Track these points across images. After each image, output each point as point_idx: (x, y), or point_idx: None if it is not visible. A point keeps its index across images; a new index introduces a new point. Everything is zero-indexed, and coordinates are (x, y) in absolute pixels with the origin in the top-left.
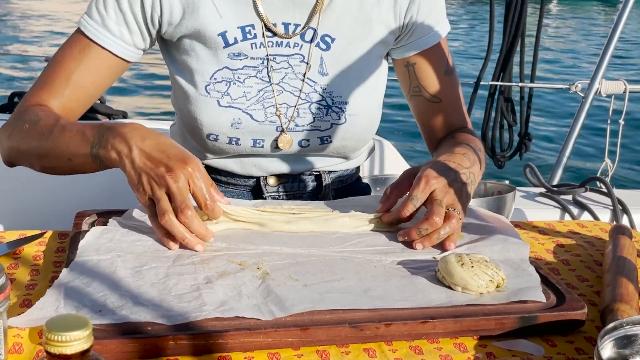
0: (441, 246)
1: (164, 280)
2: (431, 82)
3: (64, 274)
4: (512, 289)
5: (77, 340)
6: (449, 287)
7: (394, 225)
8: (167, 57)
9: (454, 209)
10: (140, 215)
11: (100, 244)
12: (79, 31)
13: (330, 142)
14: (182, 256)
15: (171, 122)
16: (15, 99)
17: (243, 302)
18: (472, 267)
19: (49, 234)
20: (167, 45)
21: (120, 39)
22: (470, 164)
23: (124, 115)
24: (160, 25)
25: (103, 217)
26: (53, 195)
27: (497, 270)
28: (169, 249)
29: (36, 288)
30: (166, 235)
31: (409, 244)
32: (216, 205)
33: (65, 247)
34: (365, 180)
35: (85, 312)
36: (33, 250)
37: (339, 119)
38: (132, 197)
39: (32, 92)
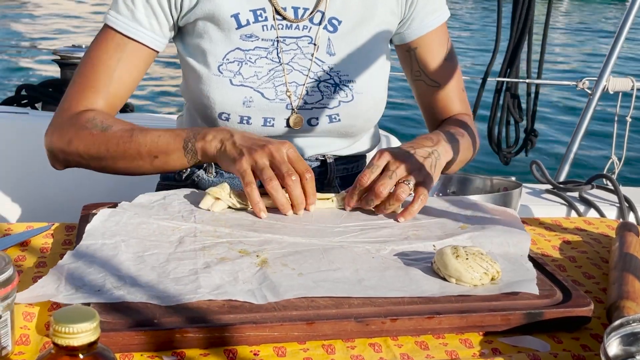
0: (443, 235)
1: (164, 265)
2: (431, 66)
3: (68, 256)
4: (506, 281)
5: (85, 332)
6: (444, 279)
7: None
8: (179, 42)
9: (407, 182)
10: (148, 200)
11: (106, 228)
12: (108, 28)
13: (339, 120)
14: (185, 242)
15: (177, 115)
16: (23, 92)
17: (238, 287)
18: (467, 259)
19: (56, 226)
20: (180, 30)
21: (151, 30)
22: (432, 143)
23: (131, 108)
24: (181, 10)
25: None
26: (61, 188)
27: (492, 263)
28: (259, 218)
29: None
30: (258, 205)
31: (406, 235)
32: (313, 177)
33: (72, 239)
34: None
35: (84, 291)
36: (40, 242)
37: (346, 96)
38: (139, 190)
39: (76, 95)
